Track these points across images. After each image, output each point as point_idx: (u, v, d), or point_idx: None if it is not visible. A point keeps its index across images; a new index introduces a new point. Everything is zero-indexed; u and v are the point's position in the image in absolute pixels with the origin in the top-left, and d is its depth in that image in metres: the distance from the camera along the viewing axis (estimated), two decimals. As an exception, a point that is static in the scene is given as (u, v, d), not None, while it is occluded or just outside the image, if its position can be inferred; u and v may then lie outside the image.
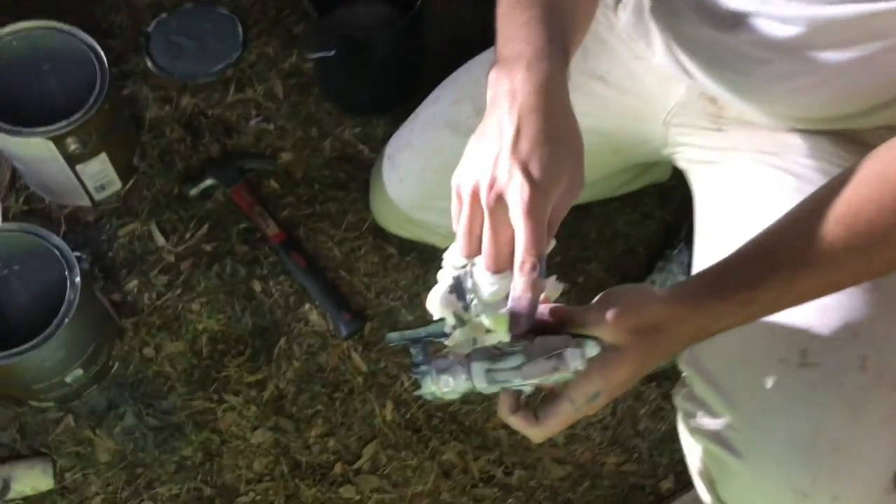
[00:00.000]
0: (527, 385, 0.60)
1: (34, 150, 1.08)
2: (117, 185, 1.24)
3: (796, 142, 0.86)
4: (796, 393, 0.71)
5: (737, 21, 0.78)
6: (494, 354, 0.60)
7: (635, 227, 1.33)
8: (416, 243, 1.26)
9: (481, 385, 0.60)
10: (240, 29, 1.39)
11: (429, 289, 0.64)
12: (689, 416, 0.79)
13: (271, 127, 1.34)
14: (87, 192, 1.21)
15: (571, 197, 0.62)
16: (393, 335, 0.62)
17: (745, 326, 0.76)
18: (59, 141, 1.07)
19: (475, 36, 1.01)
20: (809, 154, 0.85)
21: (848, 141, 0.85)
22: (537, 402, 0.64)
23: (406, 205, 1.12)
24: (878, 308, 0.72)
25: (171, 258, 1.24)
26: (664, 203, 1.34)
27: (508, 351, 0.60)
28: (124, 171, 1.24)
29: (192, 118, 1.33)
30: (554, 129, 0.61)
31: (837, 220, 0.60)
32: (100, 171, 1.18)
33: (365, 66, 1.27)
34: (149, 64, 1.36)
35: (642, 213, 1.34)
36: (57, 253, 1.01)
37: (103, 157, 1.16)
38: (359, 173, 1.32)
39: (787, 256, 0.61)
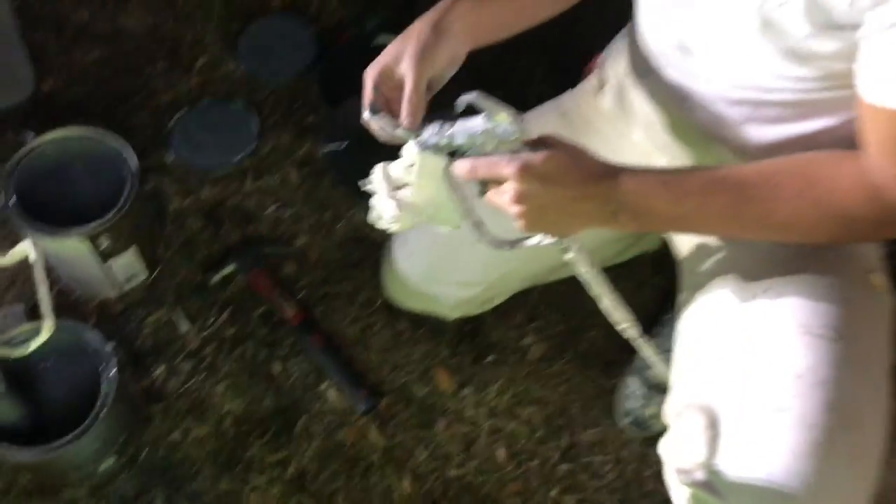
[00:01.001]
0: (476, 139, 0.78)
1: (69, 249, 1.16)
2: (143, 275, 1.32)
3: None
4: (774, 437, 0.78)
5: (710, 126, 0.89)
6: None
7: (632, 296, 1.37)
8: (425, 317, 1.33)
9: (458, 137, 0.79)
10: (255, 122, 1.49)
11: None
12: (676, 463, 0.85)
13: (287, 213, 1.42)
14: (116, 284, 1.29)
15: (413, 69, 0.86)
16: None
17: (724, 374, 0.83)
18: (93, 240, 1.15)
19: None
20: None
21: None
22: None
23: (416, 278, 1.20)
24: (841, 357, 0.81)
25: (196, 344, 1.31)
26: (658, 271, 1.41)
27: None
28: (150, 261, 1.32)
29: (212, 208, 1.42)
30: (409, 31, 0.89)
31: (757, 168, 0.80)
32: (129, 264, 1.26)
33: (375, 154, 1.35)
34: (170, 159, 1.45)
35: (638, 282, 1.40)
36: (92, 347, 1.08)
37: (132, 250, 1.24)
38: (370, 253, 1.40)
39: (706, 171, 0.81)
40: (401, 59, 0.88)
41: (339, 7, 1.63)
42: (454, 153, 0.81)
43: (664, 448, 0.88)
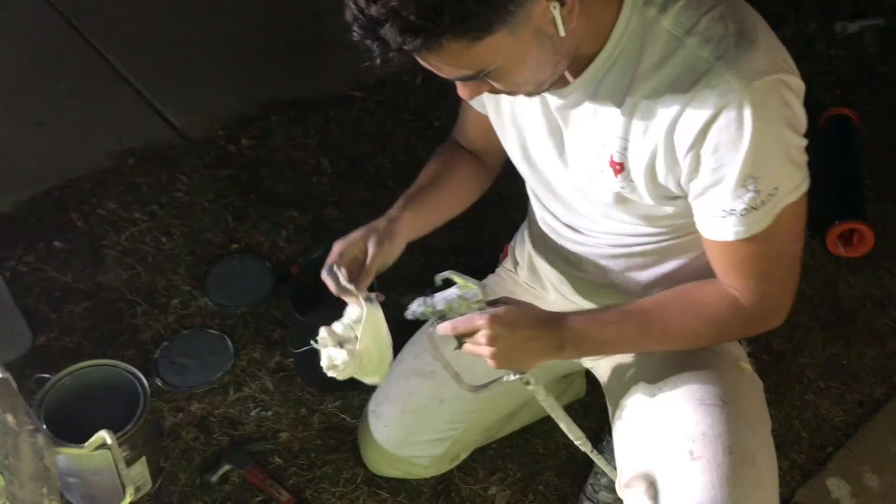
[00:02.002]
0: (454, 304, 1.05)
1: (95, 460, 1.33)
2: (149, 485, 1.48)
3: None
4: (695, 479, 1.05)
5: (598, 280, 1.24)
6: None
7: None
8: (402, 482, 1.53)
9: (439, 304, 1.06)
10: (229, 343, 1.74)
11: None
12: None
13: (268, 414, 1.64)
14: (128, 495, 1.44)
15: (374, 249, 1.15)
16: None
17: (651, 446, 1.12)
18: (115, 448, 1.33)
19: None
20: None
21: None
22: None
23: (392, 445, 1.43)
24: (728, 416, 1.11)
25: (203, 538, 1.45)
26: (588, 414, 1.68)
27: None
28: (154, 472, 1.49)
29: (202, 419, 1.62)
30: (373, 224, 1.18)
31: (652, 299, 1.12)
32: (139, 474, 1.43)
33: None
34: (159, 383, 1.66)
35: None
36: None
37: (143, 460, 1.42)
38: (345, 437, 1.61)
39: (619, 306, 1.14)
40: (367, 240, 1.17)
41: (286, 245, 1.96)
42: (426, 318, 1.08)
43: None
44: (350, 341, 1.12)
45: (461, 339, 1.06)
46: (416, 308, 1.07)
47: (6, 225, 1.92)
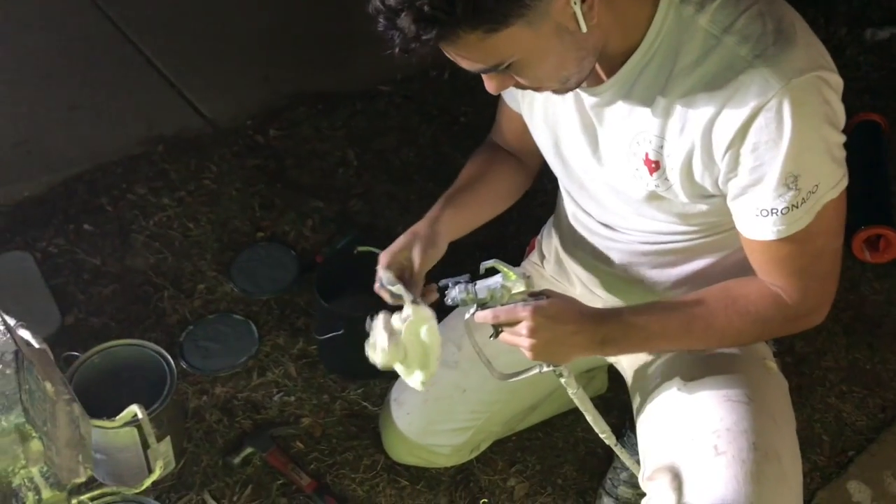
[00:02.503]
0: (496, 293, 1.04)
1: (122, 436, 1.35)
2: (172, 464, 1.50)
3: None
4: (719, 473, 1.05)
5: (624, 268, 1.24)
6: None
7: (592, 432, 1.64)
8: (422, 471, 1.54)
9: (481, 292, 1.05)
10: (254, 328, 1.76)
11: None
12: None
13: (291, 399, 1.65)
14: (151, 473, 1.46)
15: (419, 256, 1.16)
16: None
17: (676, 440, 1.11)
18: (141, 427, 1.35)
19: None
20: None
21: None
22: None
23: (414, 433, 1.44)
24: (754, 413, 1.11)
25: (224, 519, 1.47)
26: (609, 410, 1.67)
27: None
28: (177, 453, 1.51)
29: (226, 402, 1.63)
30: (414, 230, 1.19)
31: (693, 297, 1.10)
32: (164, 453, 1.44)
33: (358, 342, 1.62)
34: (184, 366, 1.68)
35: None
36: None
37: (167, 440, 1.43)
38: (366, 425, 1.62)
39: (660, 303, 1.13)
40: (411, 248, 1.17)
41: (311, 234, 1.98)
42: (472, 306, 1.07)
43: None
44: (398, 334, 1.12)
45: (498, 328, 1.06)
46: (456, 294, 1.06)
47: (38, 207, 1.96)
